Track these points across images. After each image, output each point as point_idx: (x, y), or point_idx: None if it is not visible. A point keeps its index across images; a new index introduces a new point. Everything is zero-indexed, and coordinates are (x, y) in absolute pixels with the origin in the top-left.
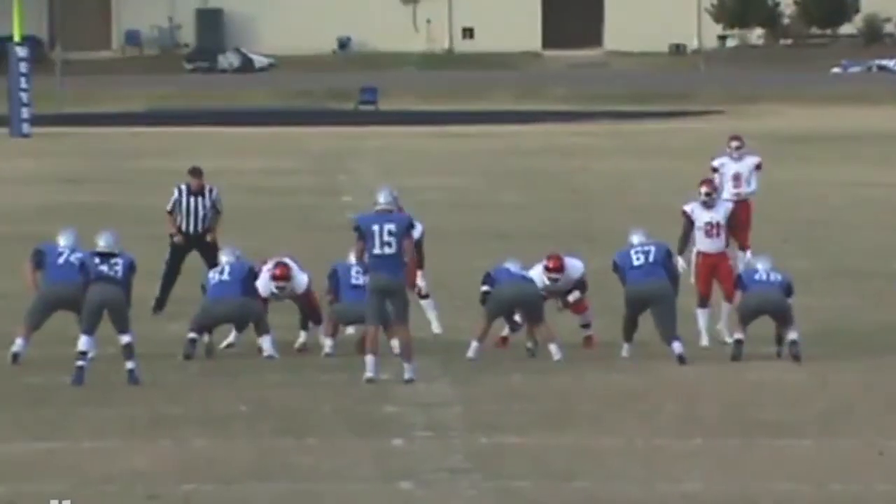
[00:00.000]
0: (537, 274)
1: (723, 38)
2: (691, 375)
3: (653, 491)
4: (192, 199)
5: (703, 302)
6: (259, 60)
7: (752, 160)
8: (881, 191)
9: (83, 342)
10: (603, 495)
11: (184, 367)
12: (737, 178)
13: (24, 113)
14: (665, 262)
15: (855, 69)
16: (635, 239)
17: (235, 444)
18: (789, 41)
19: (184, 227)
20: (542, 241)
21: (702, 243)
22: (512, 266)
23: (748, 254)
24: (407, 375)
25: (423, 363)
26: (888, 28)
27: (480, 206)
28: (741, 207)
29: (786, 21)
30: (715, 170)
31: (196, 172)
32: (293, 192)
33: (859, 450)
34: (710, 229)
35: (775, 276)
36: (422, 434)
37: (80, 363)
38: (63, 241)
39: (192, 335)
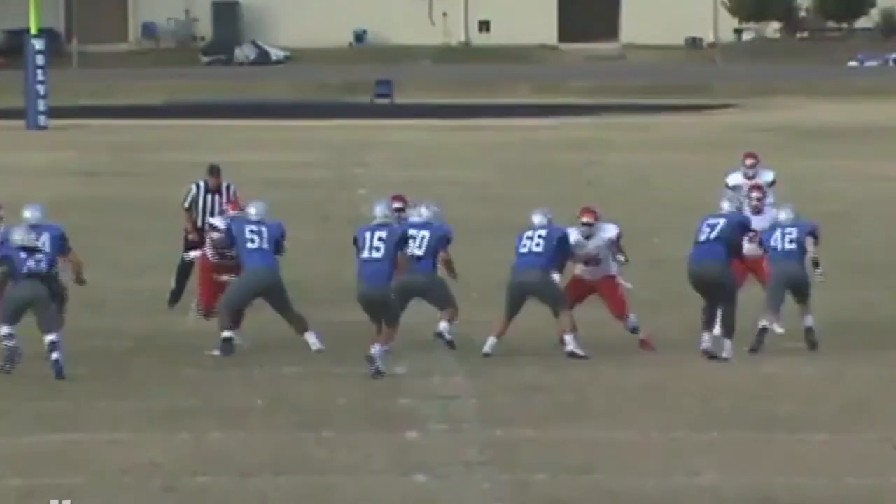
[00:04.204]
0: (574, 230)
1: (739, 31)
2: (707, 369)
3: (669, 484)
4: (209, 197)
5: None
6: (275, 53)
7: (766, 176)
8: None
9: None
10: (619, 488)
11: (200, 361)
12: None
13: (41, 105)
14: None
15: (871, 63)
16: (536, 219)
17: (252, 437)
18: (805, 35)
19: (199, 223)
20: None
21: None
22: (537, 217)
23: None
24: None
25: (439, 356)
26: None
27: (497, 199)
28: None
29: (802, 15)
30: (730, 187)
31: (214, 170)
32: (309, 184)
33: (874, 444)
34: (753, 236)
35: (790, 244)
36: (437, 427)
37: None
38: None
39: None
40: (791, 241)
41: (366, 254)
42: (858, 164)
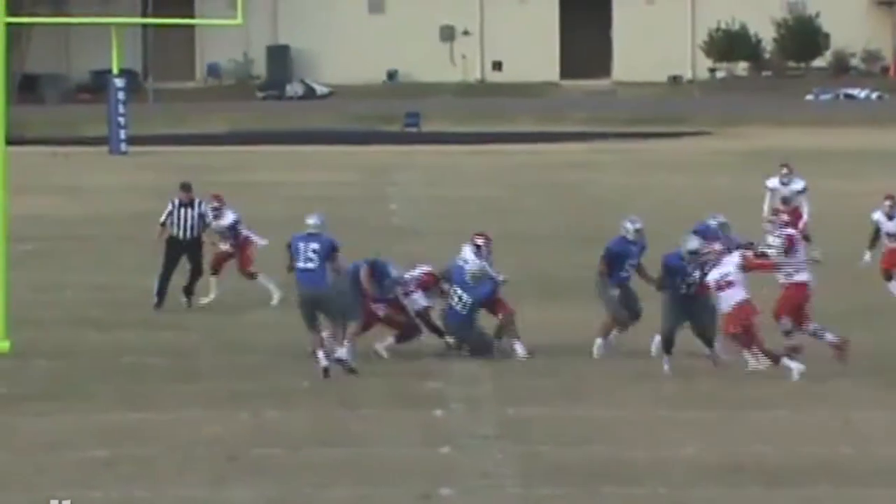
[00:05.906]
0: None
1: (713, 70)
2: (687, 360)
3: (656, 455)
4: (182, 210)
5: (889, 276)
6: (320, 89)
7: (797, 185)
8: (853, 200)
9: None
10: (613, 458)
11: (254, 350)
12: (785, 199)
13: (122, 134)
14: None
15: (825, 97)
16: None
17: (300, 414)
18: (770, 73)
19: (174, 233)
20: (559, 241)
21: (888, 240)
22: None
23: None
24: (343, 356)
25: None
26: (853, 62)
27: (507, 212)
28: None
29: (767, 55)
30: (769, 189)
31: (186, 187)
32: (348, 200)
33: (827, 419)
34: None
35: None
36: (459, 406)
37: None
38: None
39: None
40: None
41: (301, 264)
42: (816, 182)
